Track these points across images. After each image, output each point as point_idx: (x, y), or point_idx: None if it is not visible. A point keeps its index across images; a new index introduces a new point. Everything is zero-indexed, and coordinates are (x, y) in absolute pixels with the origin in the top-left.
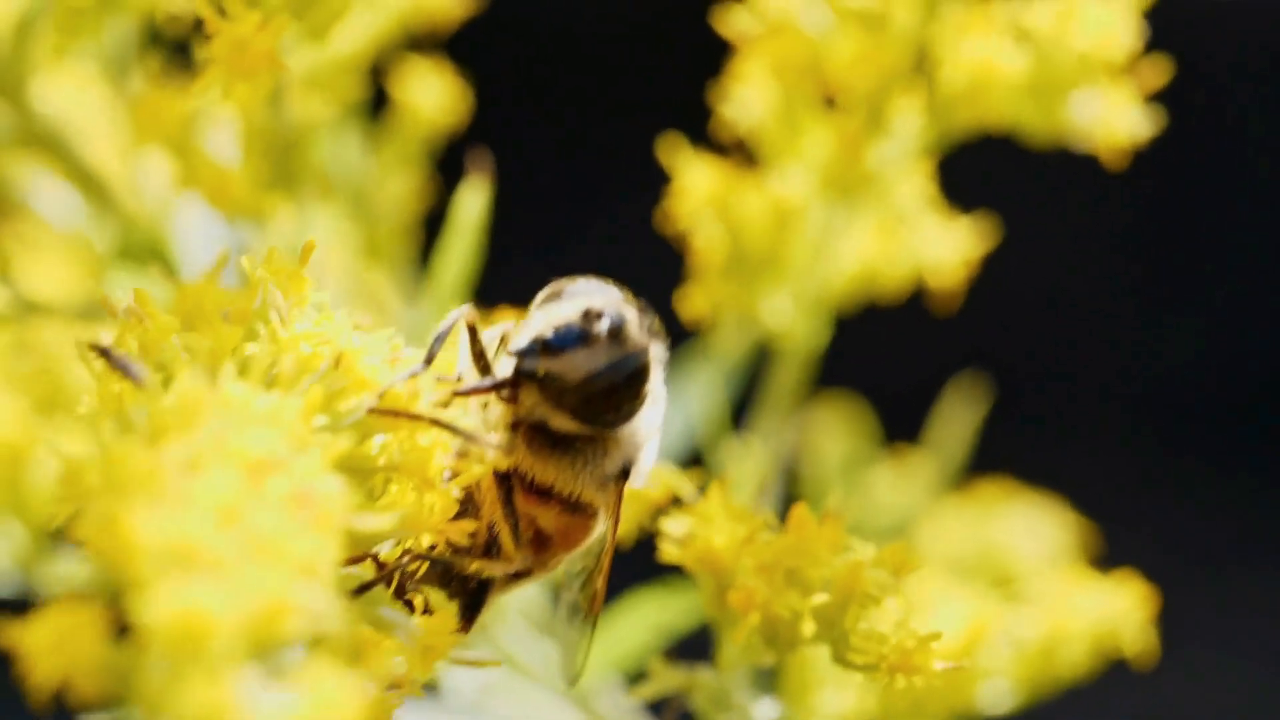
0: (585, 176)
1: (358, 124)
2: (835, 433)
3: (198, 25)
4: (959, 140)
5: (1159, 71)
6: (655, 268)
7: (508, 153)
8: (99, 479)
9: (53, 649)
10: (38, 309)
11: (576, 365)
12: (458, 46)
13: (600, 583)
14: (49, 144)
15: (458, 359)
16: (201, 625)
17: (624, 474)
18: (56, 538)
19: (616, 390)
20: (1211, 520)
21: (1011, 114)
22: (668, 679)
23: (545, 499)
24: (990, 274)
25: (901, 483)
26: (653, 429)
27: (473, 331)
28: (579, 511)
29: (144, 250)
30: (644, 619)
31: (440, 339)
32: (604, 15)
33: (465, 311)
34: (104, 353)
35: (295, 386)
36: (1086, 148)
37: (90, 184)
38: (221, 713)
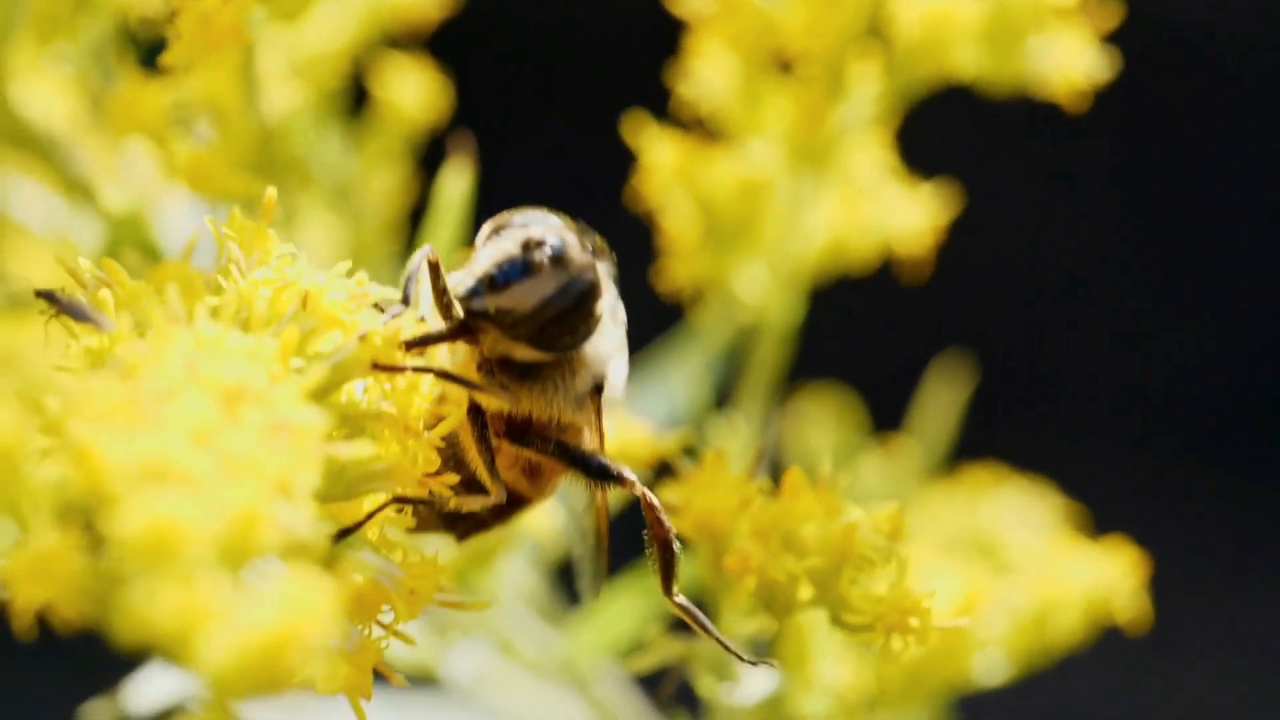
0: (569, 165)
1: (340, 121)
2: (821, 422)
3: (171, 24)
4: (920, 98)
5: (1111, 13)
6: (644, 252)
7: (489, 145)
8: (74, 413)
9: (32, 575)
10: (25, 304)
11: (524, 296)
12: (437, 41)
13: (601, 497)
14: (31, 145)
15: (421, 300)
16: (172, 534)
17: (598, 390)
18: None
19: (568, 314)
20: (1216, 521)
21: (968, 64)
22: (666, 649)
23: (527, 428)
24: (995, 269)
25: (889, 470)
26: (617, 344)
27: (435, 270)
28: (563, 434)
29: (131, 246)
30: (638, 599)
31: (412, 279)
32: (587, 5)
33: (428, 251)
34: (51, 298)
35: (266, 330)
36: (1046, 94)
37: (73, 183)
38: (195, 618)
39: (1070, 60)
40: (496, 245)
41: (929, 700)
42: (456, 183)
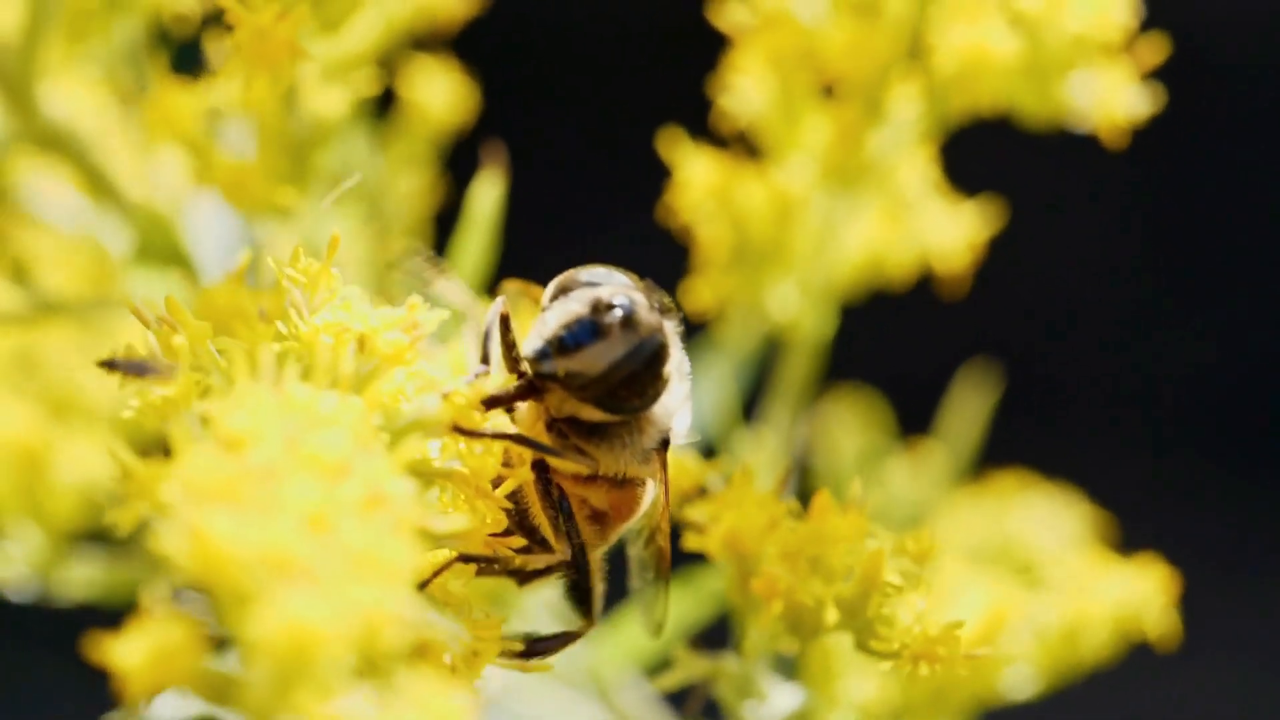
0: (597, 172)
1: (366, 123)
2: (850, 426)
3: (205, 24)
4: (957, 125)
5: (1156, 50)
6: (669, 262)
7: (516, 149)
8: (176, 488)
9: (151, 664)
10: (53, 309)
11: (594, 359)
12: (464, 44)
13: (663, 542)
14: (60, 147)
15: (491, 354)
16: (309, 638)
17: (664, 444)
18: (73, 541)
19: (638, 377)
20: (1232, 526)
21: (1007, 96)
22: (692, 667)
23: (592, 481)
24: (1010, 272)
25: (917, 475)
26: (682, 399)
27: (505, 323)
28: (627, 485)
29: (160, 251)
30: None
31: (489, 337)
32: (611, 11)
33: (502, 304)
34: (112, 365)
35: (333, 378)
36: (1085, 128)
37: (102, 186)
38: None
39: (1111, 96)
40: (564, 306)
41: (956, 716)
42: (488, 193)
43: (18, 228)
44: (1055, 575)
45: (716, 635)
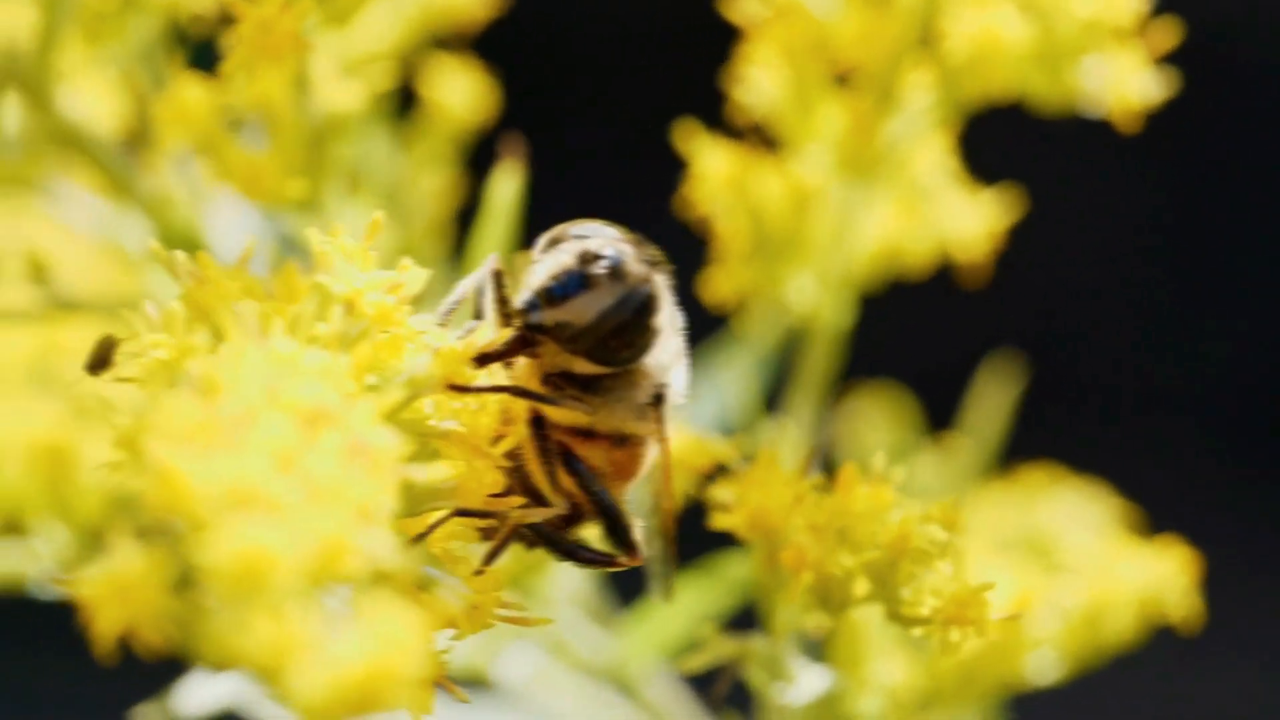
0: (619, 167)
1: (387, 122)
2: (876, 421)
3: (221, 22)
4: (972, 113)
5: (1168, 33)
6: (692, 257)
7: (538, 145)
8: (153, 432)
9: (114, 599)
10: (74, 308)
11: (582, 309)
12: (485, 43)
13: (667, 504)
14: (78, 147)
15: (485, 312)
16: (262, 563)
17: (659, 399)
18: (100, 539)
19: (626, 327)
20: (1242, 522)
21: (1019, 82)
22: (720, 649)
23: (590, 438)
24: (1037, 265)
25: (944, 468)
26: (676, 353)
27: (499, 280)
28: (626, 444)
29: (181, 248)
30: (690, 600)
31: (483, 294)
32: (630, 8)
33: (494, 261)
34: (92, 370)
35: (316, 338)
36: (1098, 113)
37: (122, 185)
38: (286, 649)
39: (1124, 80)
40: (553, 258)
41: (982, 700)
42: (507, 185)
43: (38, 228)
44: (1078, 559)
45: (742, 626)
